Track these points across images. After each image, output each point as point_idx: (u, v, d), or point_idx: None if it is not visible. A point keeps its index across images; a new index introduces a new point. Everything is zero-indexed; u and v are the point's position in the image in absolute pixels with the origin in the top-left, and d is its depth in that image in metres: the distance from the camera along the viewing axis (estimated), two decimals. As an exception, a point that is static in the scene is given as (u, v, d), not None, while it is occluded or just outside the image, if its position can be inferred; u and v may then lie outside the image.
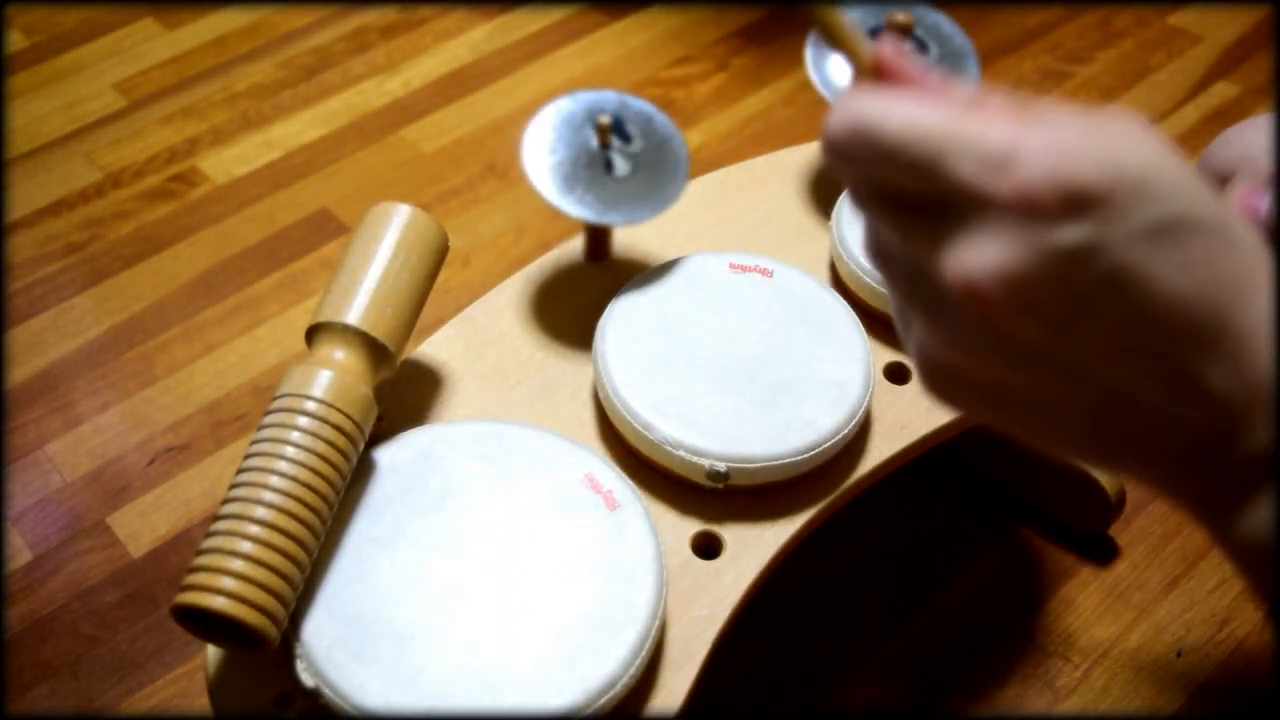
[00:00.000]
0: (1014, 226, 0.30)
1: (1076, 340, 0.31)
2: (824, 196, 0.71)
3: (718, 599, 0.53)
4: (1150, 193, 0.30)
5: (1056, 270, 0.30)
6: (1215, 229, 0.30)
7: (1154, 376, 0.30)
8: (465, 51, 1.18)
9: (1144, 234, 0.30)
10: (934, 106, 0.33)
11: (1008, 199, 0.30)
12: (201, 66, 1.17)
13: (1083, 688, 0.69)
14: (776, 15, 1.23)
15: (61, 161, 1.07)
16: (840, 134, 0.34)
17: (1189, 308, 0.30)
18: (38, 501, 0.80)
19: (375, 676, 0.46)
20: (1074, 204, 0.30)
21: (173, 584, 0.75)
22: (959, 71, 0.69)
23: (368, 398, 0.51)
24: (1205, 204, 0.31)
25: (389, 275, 0.54)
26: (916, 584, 0.74)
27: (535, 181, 0.60)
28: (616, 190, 0.61)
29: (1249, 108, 1.10)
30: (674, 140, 0.64)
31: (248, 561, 0.44)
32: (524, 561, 0.49)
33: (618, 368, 0.57)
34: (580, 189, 0.61)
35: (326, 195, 1.03)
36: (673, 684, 0.50)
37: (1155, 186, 0.30)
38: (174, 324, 0.92)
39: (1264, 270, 0.31)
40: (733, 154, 1.06)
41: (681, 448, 0.54)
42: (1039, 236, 0.30)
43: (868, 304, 0.64)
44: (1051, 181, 0.30)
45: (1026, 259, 0.30)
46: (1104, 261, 0.30)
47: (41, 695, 0.69)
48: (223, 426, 0.84)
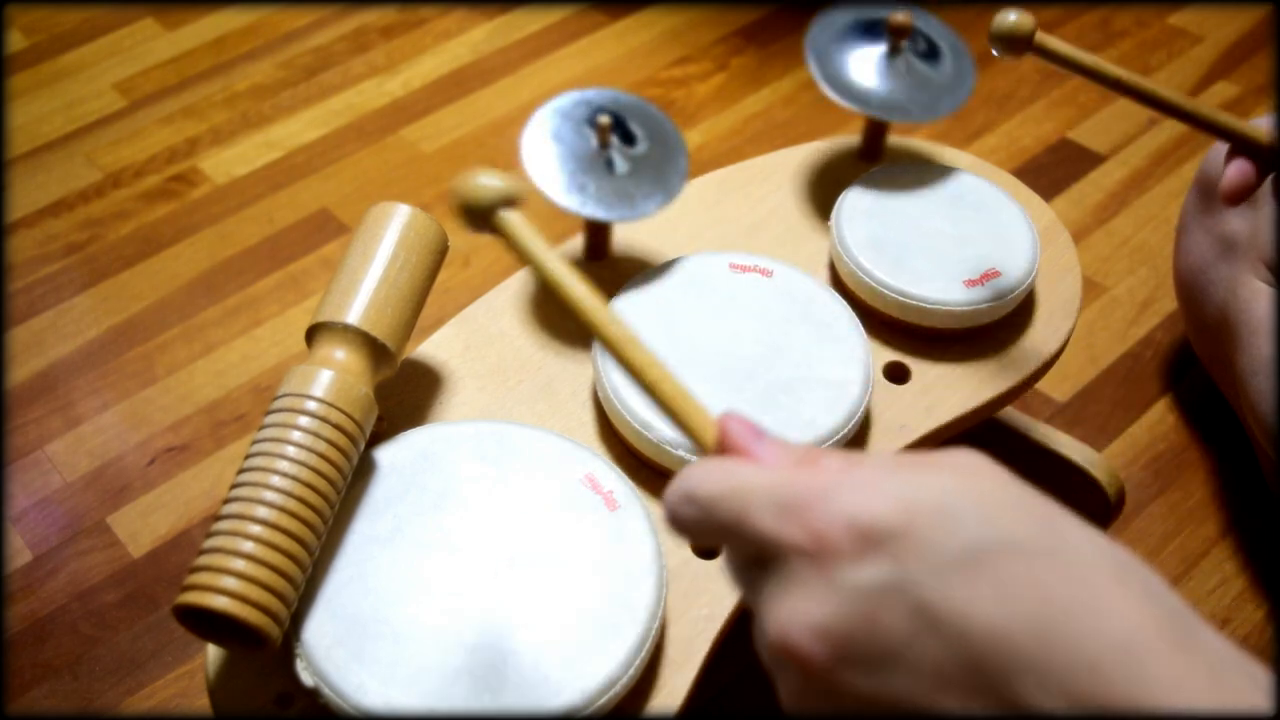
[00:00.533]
0: (816, 574, 0.30)
1: (902, 680, 0.29)
2: (824, 196, 0.71)
3: (718, 599, 0.53)
4: (952, 522, 0.29)
5: (863, 613, 0.29)
6: (1038, 549, 0.29)
7: (988, 703, 0.28)
8: (465, 51, 1.18)
9: (950, 565, 0.29)
10: (756, 468, 0.33)
11: (803, 542, 0.30)
12: (201, 66, 1.17)
13: (1082, 687, 0.69)
14: (776, 15, 1.23)
15: (61, 161, 1.07)
16: (671, 500, 0.34)
17: (1010, 635, 0.28)
18: (38, 501, 0.80)
19: (375, 676, 0.46)
20: (866, 541, 0.29)
21: (173, 584, 0.75)
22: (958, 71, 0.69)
23: (368, 397, 0.51)
24: (1029, 525, 0.29)
25: (389, 275, 0.54)
26: (916, 584, 0.74)
27: (539, 182, 0.60)
28: (619, 188, 0.61)
29: (1249, 108, 1.10)
30: (671, 136, 0.64)
31: (250, 561, 0.44)
32: (524, 561, 0.49)
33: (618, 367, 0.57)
34: (583, 188, 0.61)
35: (326, 195, 1.03)
36: (673, 684, 0.50)
37: (958, 515, 0.29)
38: (174, 324, 0.92)
39: (1108, 579, 0.29)
40: (733, 154, 1.06)
41: (680, 447, 0.54)
42: (840, 580, 0.29)
43: (868, 304, 0.64)
44: (841, 520, 0.29)
45: (833, 607, 0.29)
46: (910, 598, 0.29)
47: (41, 695, 0.69)
48: (223, 426, 0.84)
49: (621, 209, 0.61)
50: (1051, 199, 1.01)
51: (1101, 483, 0.72)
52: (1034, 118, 1.09)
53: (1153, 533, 0.77)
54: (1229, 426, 0.82)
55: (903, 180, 0.68)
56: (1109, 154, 1.05)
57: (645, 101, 0.65)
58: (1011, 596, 0.28)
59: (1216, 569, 0.75)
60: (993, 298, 0.62)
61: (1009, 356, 0.63)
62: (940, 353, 0.63)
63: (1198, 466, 0.81)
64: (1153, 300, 0.92)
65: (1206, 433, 0.83)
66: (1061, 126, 1.08)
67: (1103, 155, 1.05)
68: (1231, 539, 0.76)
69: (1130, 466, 0.81)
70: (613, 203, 0.61)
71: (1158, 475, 0.80)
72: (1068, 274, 0.67)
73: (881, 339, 0.63)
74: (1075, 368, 0.87)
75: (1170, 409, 0.84)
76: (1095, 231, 0.98)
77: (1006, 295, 0.62)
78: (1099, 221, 0.99)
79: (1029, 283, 0.63)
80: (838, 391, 0.57)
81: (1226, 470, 0.80)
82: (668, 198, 0.62)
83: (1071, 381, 0.86)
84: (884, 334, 0.64)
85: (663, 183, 0.63)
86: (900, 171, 0.69)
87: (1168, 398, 0.85)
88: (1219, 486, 0.79)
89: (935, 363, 0.63)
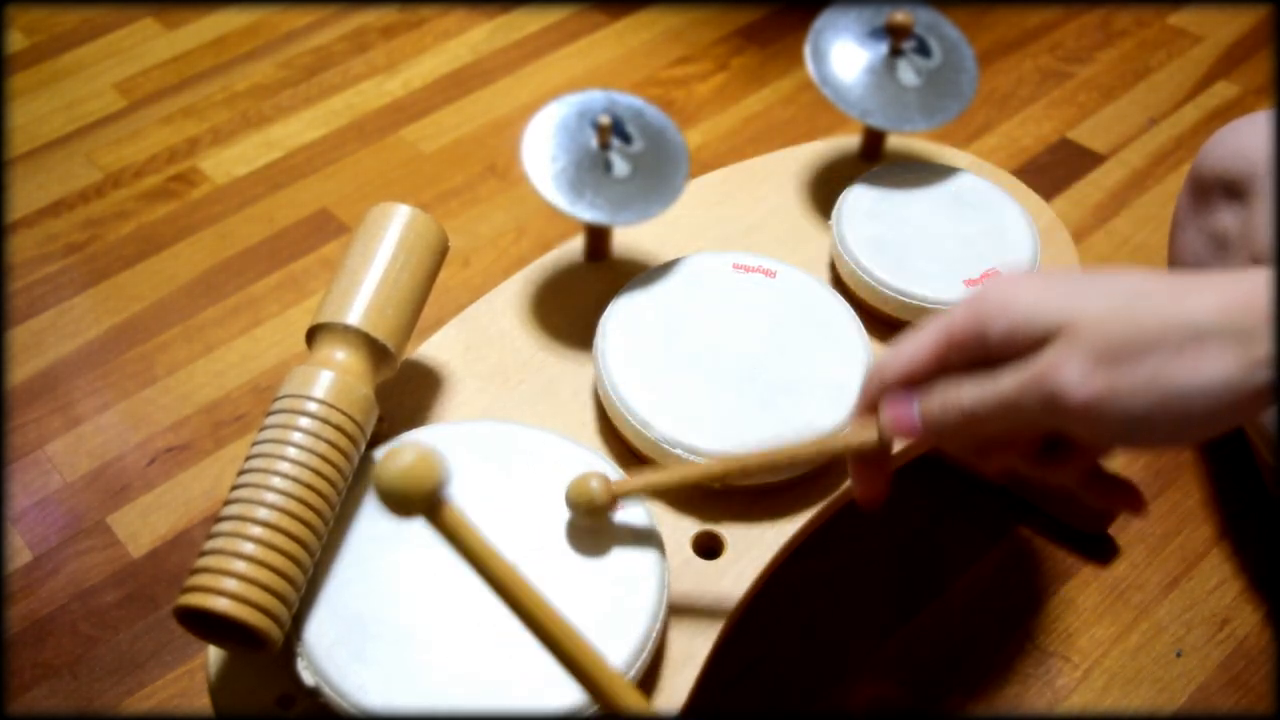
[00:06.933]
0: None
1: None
2: (824, 196, 0.71)
3: (719, 599, 0.53)
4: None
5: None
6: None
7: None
8: (465, 51, 1.18)
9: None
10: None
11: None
12: (201, 66, 1.17)
13: (1083, 688, 0.69)
14: (776, 15, 1.23)
15: (61, 161, 1.07)
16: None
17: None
18: (38, 501, 0.80)
19: (375, 676, 0.46)
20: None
21: (173, 584, 0.75)
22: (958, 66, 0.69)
23: (369, 398, 0.51)
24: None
25: (389, 276, 0.54)
26: (916, 584, 0.74)
27: (540, 187, 0.60)
28: (619, 190, 0.61)
29: (1249, 108, 1.10)
30: (671, 135, 0.64)
31: (250, 563, 0.44)
32: (525, 562, 0.49)
33: (618, 366, 0.57)
34: (584, 191, 0.61)
35: (326, 195, 1.03)
36: (674, 684, 0.50)
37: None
38: (174, 324, 0.92)
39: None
40: (733, 154, 1.06)
41: (679, 447, 0.54)
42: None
43: (868, 304, 0.64)
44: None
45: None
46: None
47: (41, 695, 0.69)
48: (223, 426, 0.84)
49: (622, 213, 0.61)
50: (1051, 199, 1.01)
51: (1102, 483, 0.72)
52: (1034, 118, 1.09)
53: (1153, 533, 0.77)
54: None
55: (903, 180, 0.68)
56: (1109, 154, 1.05)
57: (646, 102, 0.65)
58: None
59: (1216, 569, 0.75)
60: (993, 298, 0.62)
61: (1009, 357, 0.63)
62: (940, 353, 0.63)
63: (1198, 467, 0.81)
64: (1153, 300, 0.92)
65: (1206, 433, 0.83)
66: (1061, 126, 1.08)
67: (1103, 155, 1.05)
68: (1231, 539, 0.76)
69: (1130, 466, 0.80)
70: (613, 206, 0.61)
71: (1158, 475, 0.80)
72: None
73: (882, 339, 0.63)
74: (1075, 368, 0.87)
75: (1170, 409, 0.84)
76: (1095, 231, 0.98)
77: (1007, 295, 0.62)
78: (1099, 221, 0.99)
79: (1029, 283, 0.63)
80: (838, 392, 0.57)
81: (1226, 471, 0.80)
82: (668, 201, 0.62)
83: (1071, 381, 0.86)
84: (884, 334, 0.64)
85: (663, 185, 0.63)
86: (901, 171, 0.69)
87: (1168, 398, 0.85)
88: (1219, 487, 0.79)
89: (935, 363, 0.63)
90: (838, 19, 0.69)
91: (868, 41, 0.69)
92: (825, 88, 0.67)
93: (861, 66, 0.68)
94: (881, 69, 0.68)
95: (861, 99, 0.67)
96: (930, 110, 0.67)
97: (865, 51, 0.68)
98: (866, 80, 0.68)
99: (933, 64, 0.68)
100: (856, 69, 0.68)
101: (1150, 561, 0.75)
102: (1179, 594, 0.73)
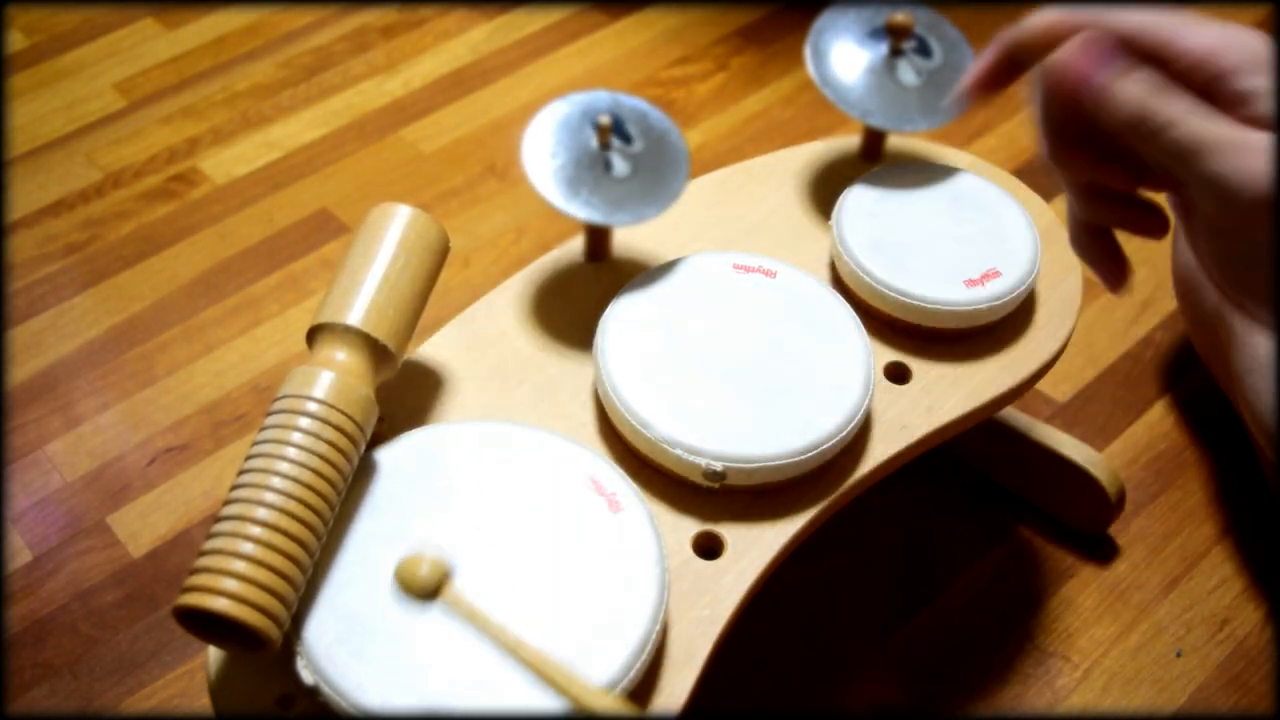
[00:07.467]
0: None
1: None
2: (824, 196, 0.71)
3: (719, 599, 0.53)
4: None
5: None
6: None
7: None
8: (465, 51, 1.18)
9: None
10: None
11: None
12: (201, 66, 1.17)
13: (1083, 688, 0.69)
14: (776, 15, 1.23)
15: (61, 161, 1.07)
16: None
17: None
18: (38, 501, 0.80)
19: (374, 675, 0.46)
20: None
21: (173, 584, 0.75)
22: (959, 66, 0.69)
23: (369, 398, 0.51)
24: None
25: (390, 276, 0.54)
26: (916, 584, 0.74)
27: (539, 187, 0.60)
28: (617, 190, 0.61)
29: (1249, 108, 1.10)
30: (671, 135, 0.64)
31: (249, 563, 0.44)
32: (525, 562, 0.49)
33: (617, 366, 0.57)
34: (580, 189, 0.61)
35: (326, 195, 1.03)
36: (674, 685, 0.50)
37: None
38: (174, 324, 0.92)
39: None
40: (733, 154, 1.06)
41: (678, 446, 0.54)
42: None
43: (868, 304, 0.64)
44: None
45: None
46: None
47: (41, 695, 0.69)
48: (223, 426, 0.84)
49: (618, 213, 0.61)
50: (1052, 199, 1.01)
51: (1102, 483, 0.72)
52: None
53: (1153, 533, 0.77)
54: (1229, 426, 0.83)
55: (903, 180, 0.68)
56: (1109, 154, 1.05)
57: (647, 102, 0.65)
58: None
59: (1216, 569, 0.75)
60: (993, 298, 0.62)
61: (1009, 356, 0.63)
62: (941, 353, 0.63)
63: (1198, 466, 0.81)
64: (1153, 300, 0.92)
65: (1206, 433, 0.83)
66: (1061, 126, 1.08)
67: (1103, 155, 1.05)
68: (1231, 539, 0.76)
69: (1130, 466, 0.81)
70: (610, 206, 0.61)
71: (1158, 475, 0.80)
72: (1068, 274, 0.68)
73: (882, 339, 0.63)
74: (1075, 368, 0.87)
75: (1170, 409, 0.84)
76: (1095, 231, 0.98)
77: (1007, 295, 0.62)
78: (1099, 221, 0.99)
79: (1030, 283, 0.63)
80: (838, 392, 0.57)
81: (1226, 470, 0.80)
82: (665, 204, 0.62)
83: (1071, 381, 0.86)
84: (884, 334, 0.64)
85: (661, 188, 0.63)
86: (901, 171, 0.69)
87: (1168, 398, 0.85)
88: (1219, 486, 0.79)
89: (936, 363, 0.63)
90: (838, 19, 0.69)
91: (868, 42, 0.69)
92: (825, 88, 0.67)
93: (862, 67, 0.68)
94: (882, 69, 0.68)
95: (862, 99, 0.67)
96: (930, 110, 0.67)
97: (865, 52, 0.68)
98: (867, 80, 0.68)
99: (933, 64, 0.68)
100: (857, 69, 0.68)
101: (1150, 561, 0.75)
102: (1179, 594, 0.73)
